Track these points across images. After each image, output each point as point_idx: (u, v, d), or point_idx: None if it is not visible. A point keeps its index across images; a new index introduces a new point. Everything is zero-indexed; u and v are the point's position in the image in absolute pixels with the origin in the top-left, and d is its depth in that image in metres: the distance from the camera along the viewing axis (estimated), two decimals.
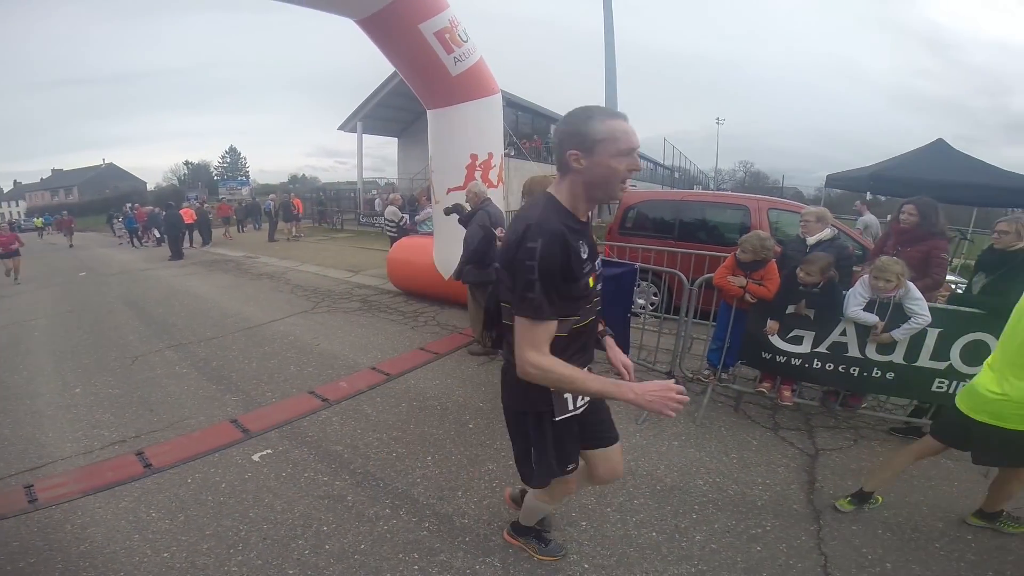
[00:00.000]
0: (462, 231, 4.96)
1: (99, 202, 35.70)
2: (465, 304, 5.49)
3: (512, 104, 19.52)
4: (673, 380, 1.54)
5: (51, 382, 4.89)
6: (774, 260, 3.81)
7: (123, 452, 3.51)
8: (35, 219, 24.51)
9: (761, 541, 2.59)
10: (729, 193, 11.39)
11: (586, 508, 2.84)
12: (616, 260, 4.53)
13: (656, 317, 5.13)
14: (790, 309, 3.50)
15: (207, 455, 3.43)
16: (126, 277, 11.45)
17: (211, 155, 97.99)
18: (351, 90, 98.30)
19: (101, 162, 62.27)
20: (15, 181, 68.93)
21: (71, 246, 20.21)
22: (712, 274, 3.98)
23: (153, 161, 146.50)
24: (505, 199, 6.35)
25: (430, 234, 8.77)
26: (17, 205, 59.97)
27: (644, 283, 5.75)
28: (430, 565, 2.42)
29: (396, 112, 22.57)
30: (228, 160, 67.09)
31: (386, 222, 10.12)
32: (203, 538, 2.63)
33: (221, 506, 2.89)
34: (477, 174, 6.16)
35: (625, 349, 3.99)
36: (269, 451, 3.46)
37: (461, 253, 4.89)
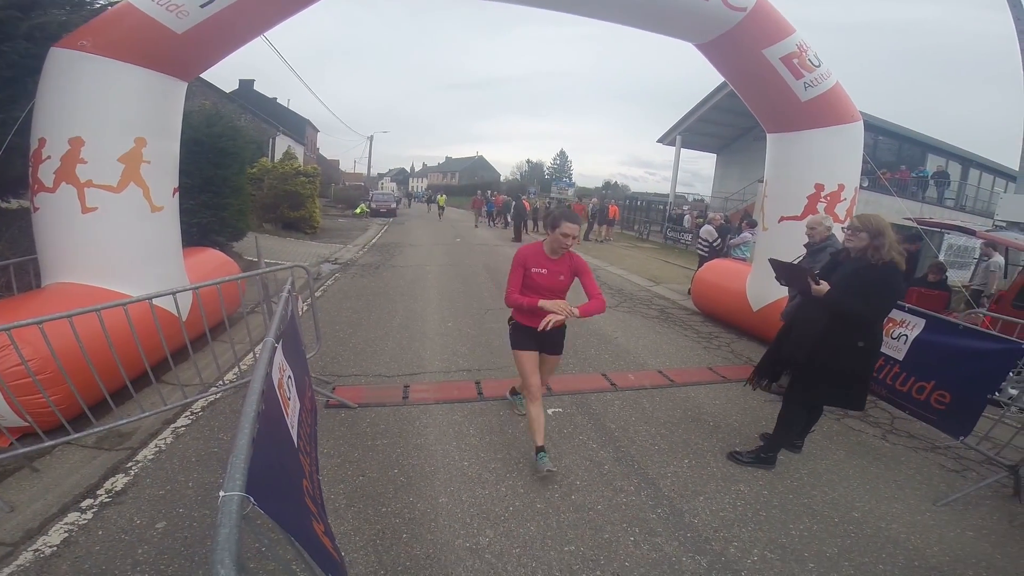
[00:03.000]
0: None
1: (470, 187, 46.10)
2: (767, 340, 5.22)
3: (870, 127, 16.26)
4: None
5: (436, 314, 6.92)
6: None
7: (467, 379, 4.76)
8: (439, 196, 32.28)
9: None
10: None
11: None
12: (994, 334, 3.61)
13: None
14: None
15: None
16: (485, 248, 15.09)
17: (545, 155, 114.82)
18: (670, 103, 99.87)
19: (475, 154, 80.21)
20: (423, 163, 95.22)
21: (476, 227, 23.21)
22: None
23: (505, 156, 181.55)
24: None
25: (743, 259, 8.51)
26: (421, 181, 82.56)
27: None
28: (644, 542, 2.67)
29: (717, 128, 21.62)
30: (558, 162, 77.63)
31: (700, 241, 10.15)
32: (494, 459, 3.39)
33: (515, 440, 3.66)
34: (820, 206, 5.69)
35: (965, 432, 3.41)
36: (560, 410, 4.18)
37: (790, 291, 4.65)
